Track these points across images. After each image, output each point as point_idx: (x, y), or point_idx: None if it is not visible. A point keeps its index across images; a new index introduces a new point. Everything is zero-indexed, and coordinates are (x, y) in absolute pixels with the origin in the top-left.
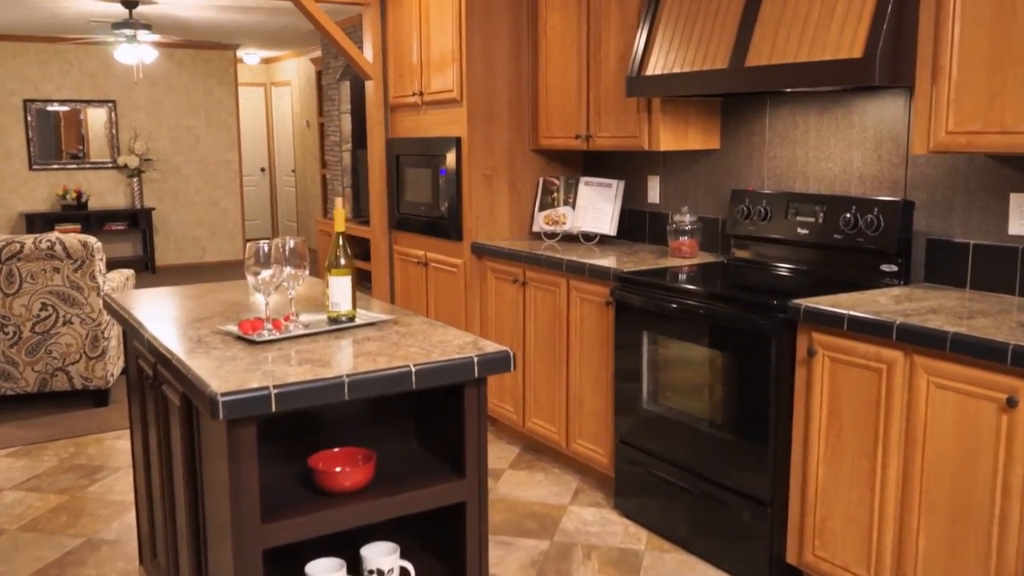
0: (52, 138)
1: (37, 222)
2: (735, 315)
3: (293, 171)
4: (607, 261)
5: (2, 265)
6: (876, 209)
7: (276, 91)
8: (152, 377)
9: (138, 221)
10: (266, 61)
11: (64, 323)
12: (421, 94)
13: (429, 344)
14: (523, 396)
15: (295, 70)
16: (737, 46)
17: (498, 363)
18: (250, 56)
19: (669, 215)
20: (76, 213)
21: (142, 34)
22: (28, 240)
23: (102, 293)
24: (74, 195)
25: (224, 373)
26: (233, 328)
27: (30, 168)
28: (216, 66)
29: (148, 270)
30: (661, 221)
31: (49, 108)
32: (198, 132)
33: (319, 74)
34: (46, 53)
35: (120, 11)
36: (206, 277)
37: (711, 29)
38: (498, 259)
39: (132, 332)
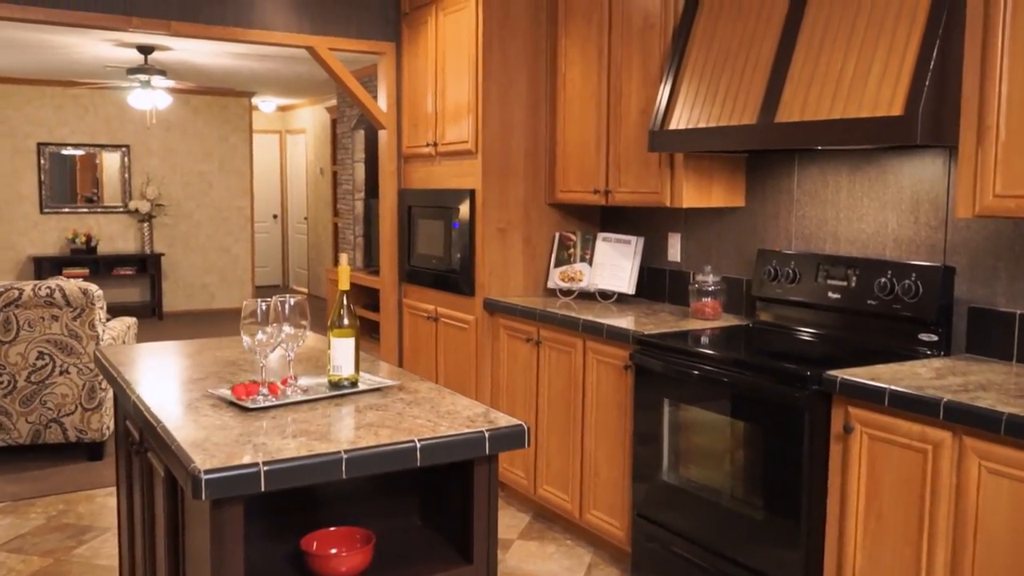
0: (64, 182)
1: (45, 266)
2: (764, 385)
3: (305, 218)
4: (625, 322)
5: (0, 312)
6: (914, 274)
7: (291, 138)
8: (138, 442)
9: (147, 266)
10: (282, 109)
11: (61, 373)
12: (435, 145)
13: (436, 415)
14: (535, 461)
15: (310, 118)
16: (766, 101)
17: (511, 439)
18: (266, 104)
19: (691, 274)
20: (85, 257)
21: (156, 79)
22: (27, 287)
23: (96, 346)
24: (83, 239)
25: (211, 446)
26: (226, 392)
27: (41, 211)
28: (232, 113)
29: (155, 316)
30: (682, 280)
31: (63, 152)
32: (211, 178)
33: (334, 122)
34: (62, 97)
35: (135, 57)
36: (213, 324)
37: (738, 83)
38: (511, 316)
39: (120, 392)
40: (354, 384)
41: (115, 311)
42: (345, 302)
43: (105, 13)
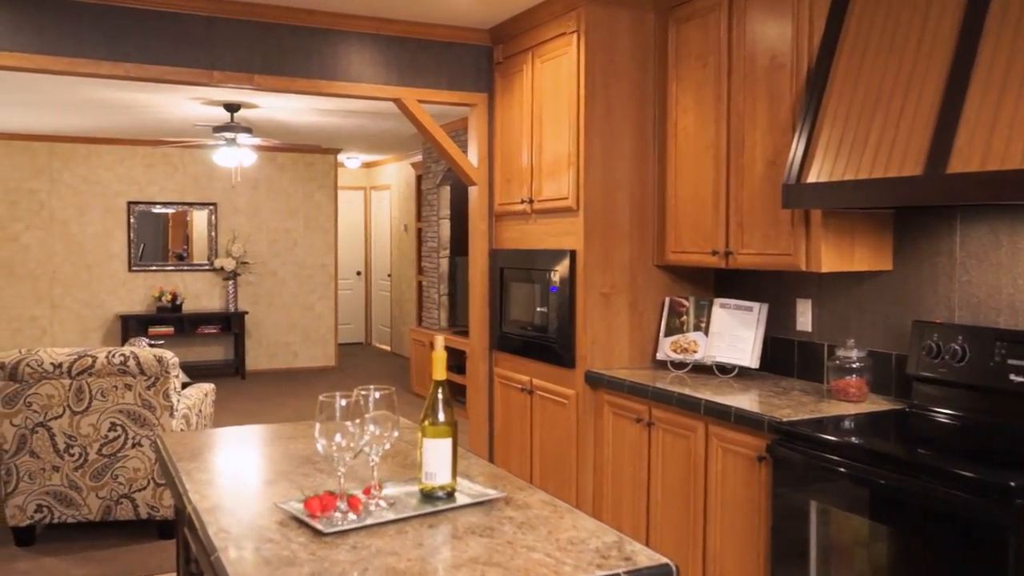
0: (153, 239)
1: (131, 324)
2: (951, 494)
3: (389, 275)
4: (755, 403)
5: (72, 380)
6: None
7: (375, 195)
8: (195, 561)
9: (231, 324)
10: (367, 165)
11: (133, 445)
12: (531, 201)
13: (556, 545)
14: None
15: (395, 174)
16: (934, 149)
17: None
18: (351, 160)
19: (825, 347)
20: (170, 316)
21: (242, 137)
22: (101, 354)
23: (169, 415)
24: (169, 297)
25: None
26: (298, 506)
27: (129, 269)
28: (317, 170)
29: (238, 375)
30: (813, 353)
31: (152, 210)
32: (296, 235)
33: (419, 178)
34: (152, 156)
35: (222, 115)
36: (296, 384)
37: (895, 129)
38: (618, 392)
39: (176, 496)
40: (451, 495)
41: (198, 370)
42: (440, 395)
43: (188, 67)
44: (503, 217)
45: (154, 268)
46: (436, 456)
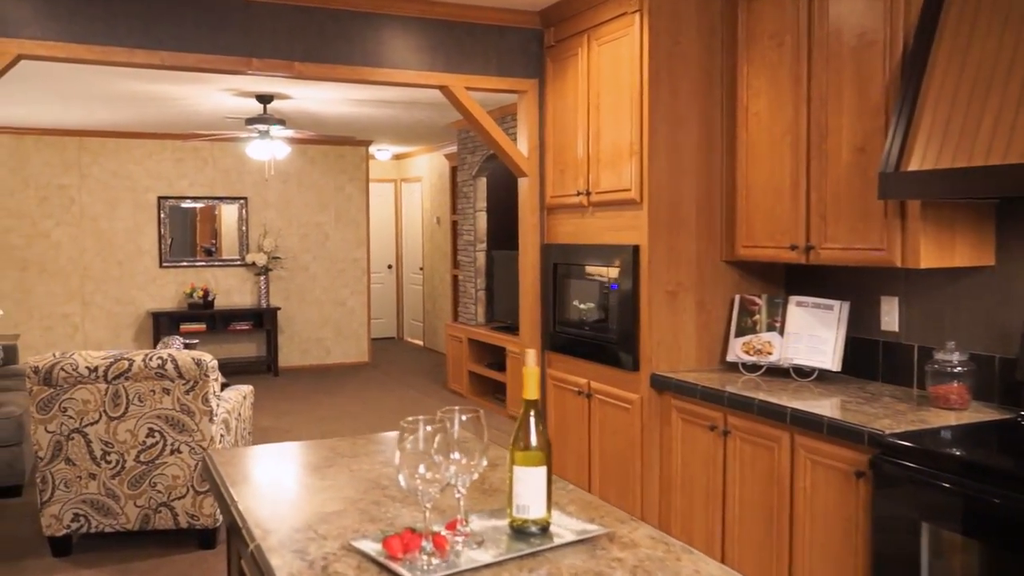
0: (183, 235)
1: (163, 321)
2: None
3: (421, 269)
4: (845, 412)
5: (109, 385)
6: None
7: (406, 187)
8: None
9: (263, 321)
10: (397, 157)
11: (172, 452)
12: (587, 193)
13: None
14: None
15: (427, 166)
16: None
17: None
18: (382, 152)
19: (915, 348)
20: (202, 312)
21: (275, 129)
22: (138, 357)
23: (208, 421)
24: (201, 293)
25: None
26: (375, 546)
27: (160, 265)
28: (348, 162)
29: (270, 372)
30: (901, 355)
31: (182, 205)
32: (327, 229)
33: (453, 170)
34: (182, 150)
35: (254, 107)
36: (330, 381)
37: (1014, 112)
38: (688, 398)
39: (231, 524)
40: (545, 530)
41: (231, 368)
42: (533, 417)
43: (225, 55)
44: (556, 210)
45: (185, 264)
46: (529, 486)
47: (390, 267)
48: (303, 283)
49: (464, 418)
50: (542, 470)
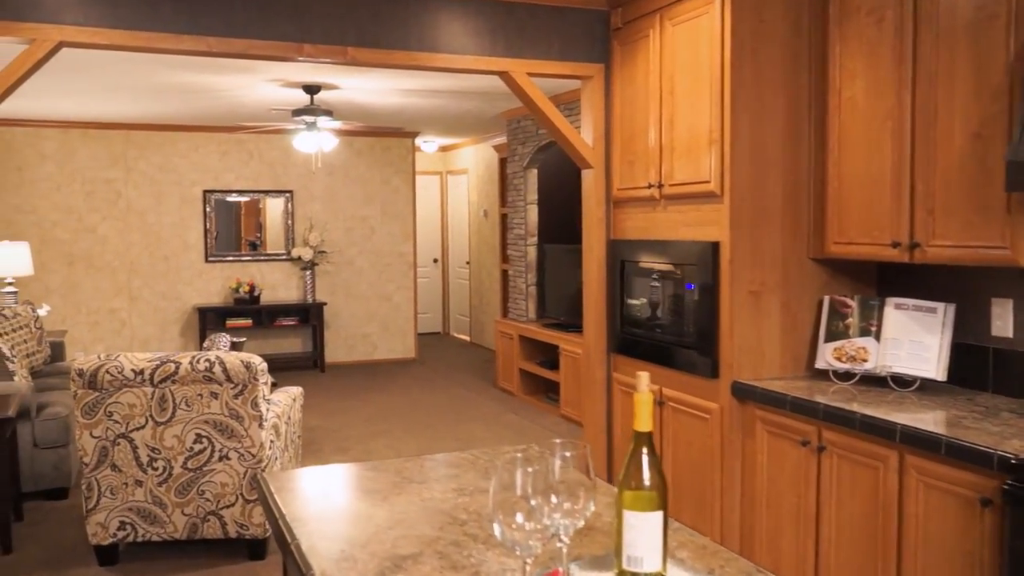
0: (229, 229)
1: (209, 316)
2: None
3: (467, 263)
4: (963, 429)
5: (155, 388)
6: None
7: (452, 179)
8: None
9: (309, 316)
10: (443, 149)
11: (220, 458)
12: (660, 186)
13: None
14: None
15: (473, 157)
16: None
17: None
18: (428, 144)
19: None
20: (248, 308)
21: (322, 120)
22: (185, 359)
23: (258, 427)
24: (247, 288)
25: None
26: None
27: (206, 260)
28: (394, 154)
29: (316, 368)
30: (1014, 364)
31: (228, 199)
32: (373, 223)
33: (502, 161)
34: (227, 143)
35: (301, 98)
36: (377, 377)
37: None
38: (776, 409)
39: (291, 564)
40: None
41: (277, 364)
42: (646, 455)
43: (275, 41)
44: (623, 203)
45: (230, 258)
46: (642, 534)
47: (436, 261)
48: (349, 278)
49: (568, 454)
50: (658, 515)
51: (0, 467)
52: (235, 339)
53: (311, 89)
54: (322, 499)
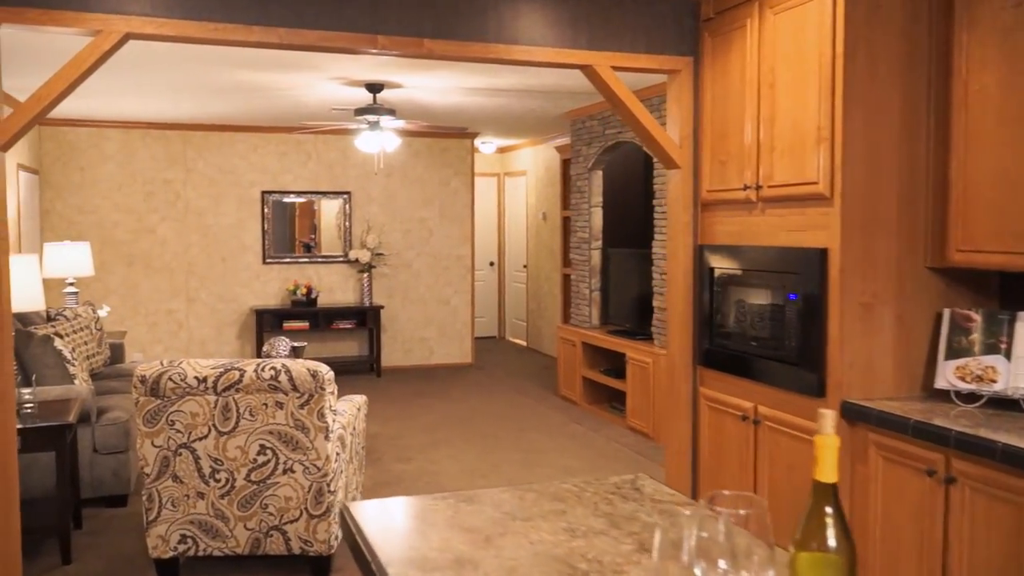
0: (286, 231)
1: (266, 318)
2: None
3: (524, 266)
4: None
5: (218, 397)
6: None
7: (510, 181)
8: None
9: (366, 319)
10: (501, 150)
11: (284, 471)
12: (757, 187)
13: None
14: None
15: (532, 159)
16: None
17: None
18: (486, 145)
19: None
20: (305, 310)
21: (385, 120)
22: (249, 367)
23: (326, 442)
24: (304, 290)
25: None
26: None
27: (263, 262)
28: (453, 155)
29: (373, 372)
30: None
31: (285, 200)
32: (431, 225)
33: (565, 163)
34: (286, 144)
35: (362, 97)
36: (435, 383)
37: None
38: (893, 433)
39: None
40: None
41: (333, 367)
42: (831, 512)
43: (348, 32)
44: (713, 206)
45: (287, 260)
46: None
47: (492, 264)
48: (406, 281)
49: (742, 512)
50: None
51: (61, 474)
52: (296, 344)
53: (374, 88)
54: (418, 537)
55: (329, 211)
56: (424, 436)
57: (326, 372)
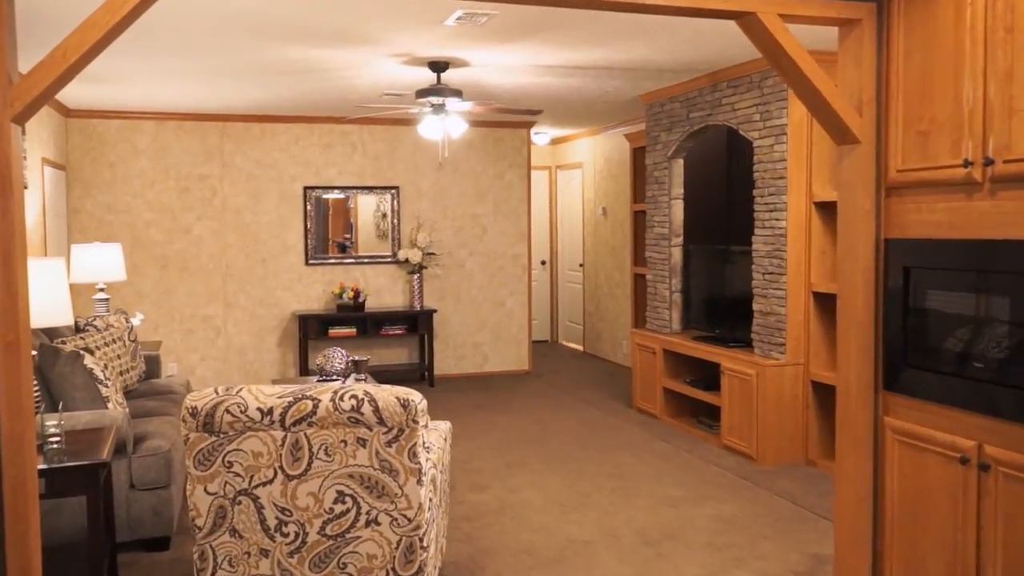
0: (322, 228)
1: (310, 323)
2: None
3: (580, 265)
4: None
5: (287, 433)
6: None
7: (562, 174)
8: None
9: (417, 324)
10: (554, 141)
11: (367, 523)
12: (987, 163)
13: None
14: None
15: (590, 150)
16: None
17: None
18: (540, 136)
19: None
20: (351, 315)
21: (451, 102)
22: (324, 395)
23: (417, 482)
24: (351, 294)
25: None
26: None
27: (306, 263)
28: (508, 146)
29: (425, 381)
30: None
31: (329, 196)
32: (485, 221)
33: (637, 152)
34: (331, 135)
35: (423, 78)
36: (492, 393)
37: None
38: None
39: None
40: None
41: (383, 377)
42: None
43: None
44: (907, 189)
45: (332, 261)
46: None
47: (544, 263)
48: (458, 282)
49: None
50: None
51: (93, 520)
52: (357, 359)
53: (438, 66)
54: None
55: (367, 208)
56: (495, 458)
57: (419, 402)
